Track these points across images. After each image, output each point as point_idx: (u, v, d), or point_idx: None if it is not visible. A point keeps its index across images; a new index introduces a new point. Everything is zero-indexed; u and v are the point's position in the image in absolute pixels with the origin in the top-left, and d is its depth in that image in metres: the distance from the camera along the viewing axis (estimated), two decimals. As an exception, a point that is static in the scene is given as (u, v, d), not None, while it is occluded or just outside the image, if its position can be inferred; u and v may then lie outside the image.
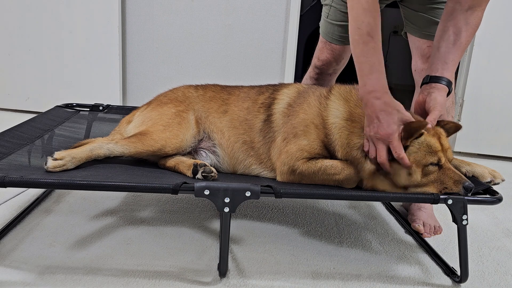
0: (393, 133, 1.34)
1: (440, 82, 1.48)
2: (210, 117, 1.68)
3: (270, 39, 3.39)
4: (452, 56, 1.50)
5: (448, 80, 1.49)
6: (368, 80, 1.38)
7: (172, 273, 1.41)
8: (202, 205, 1.92)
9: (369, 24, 1.37)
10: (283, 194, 1.32)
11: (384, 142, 1.35)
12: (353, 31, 1.41)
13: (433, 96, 1.47)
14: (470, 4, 1.48)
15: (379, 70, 1.38)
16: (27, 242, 1.53)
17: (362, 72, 1.40)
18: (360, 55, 1.40)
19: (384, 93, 1.37)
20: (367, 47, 1.38)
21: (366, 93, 1.38)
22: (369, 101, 1.37)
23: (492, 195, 1.41)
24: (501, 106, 3.07)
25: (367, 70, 1.38)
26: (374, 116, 1.36)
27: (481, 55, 2.99)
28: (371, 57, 1.38)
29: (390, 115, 1.34)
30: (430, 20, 1.72)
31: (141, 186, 1.29)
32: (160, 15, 3.38)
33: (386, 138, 1.34)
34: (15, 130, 1.74)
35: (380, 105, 1.35)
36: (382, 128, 1.34)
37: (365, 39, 1.38)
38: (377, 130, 1.35)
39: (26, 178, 1.26)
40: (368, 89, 1.38)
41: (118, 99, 3.41)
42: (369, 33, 1.37)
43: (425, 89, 1.51)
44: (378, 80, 1.38)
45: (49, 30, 3.33)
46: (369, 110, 1.37)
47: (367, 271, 1.50)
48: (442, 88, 1.48)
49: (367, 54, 1.38)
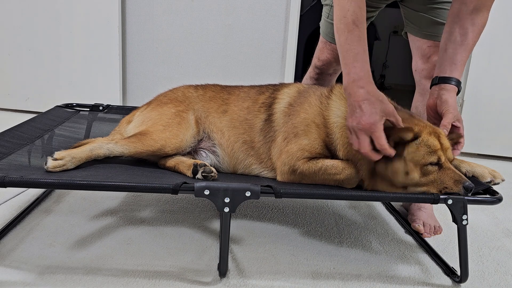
0: (376, 123, 1.31)
1: (450, 83, 1.48)
2: (210, 117, 1.68)
3: (270, 39, 3.39)
4: (459, 56, 1.50)
5: (457, 80, 1.49)
6: (352, 69, 1.36)
7: (172, 273, 1.41)
8: (202, 205, 1.92)
9: (355, 13, 1.36)
10: (283, 194, 1.32)
11: (366, 132, 1.32)
12: (338, 20, 1.39)
13: (444, 98, 1.47)
14: (475, 4, 1.48)
15: (363, 59, 1.36)
16: (27, 242, 1.53)
17: (346, 60, 1.38)
18: (344, 43, 1.38)
19: (368, 82, 1.35)
20: (352, 35, 1.36)
21: (350, 82, 1.36)
22: (353, 90, 1.35)
23: (492, 195, 1.41)
24: (501, 106, 3.07)
25: (351, 58, 1.36)
26: (356, 106, 1.33)
27: (481, 55, 2.99)
28: (356, 45, 1.36)
29: (373, 104, 1.32)
30: (430, 20, 1.72)
31: (141, 186, 1.29)
32: (160, 15, 3.38)
33: (368, 128, 1.31)
34: (15, 130, 1.74)
35: (363, 94, 1.33)
36: (365, 118, 1.31)
37: (350, 28, 1.36)
38: (359, 120, 1.32)
39: (26, 178, 1.26)
40: (352, 78, 1.35)
41: (118, 99, 3.42)
42: (354, 22, 1.36)
43: (434, 90, 1.51)
44: (362, 68, 1.36)
45: (49, 30, 3.33)
46: (352, 99, 1.35)
47: (367, 271, 1.50)
48: (452, 89, 1.48)
49: (352, 42, 1.36)
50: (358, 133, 1.34)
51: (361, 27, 1.37)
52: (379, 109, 1.32)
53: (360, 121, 1.32)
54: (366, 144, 1.32)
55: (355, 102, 1.34)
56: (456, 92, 1.50)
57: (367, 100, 1.32)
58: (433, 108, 1.51)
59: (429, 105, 1.52)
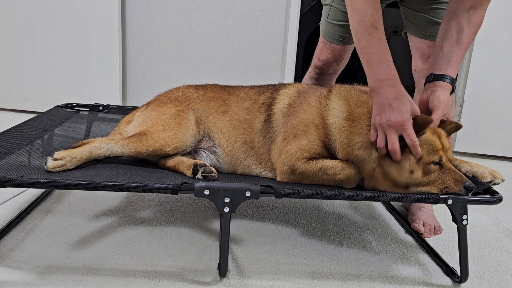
0: (407, 120, 1.32)
1: (444, 80, 1.48)
2: (210, 117, 1.68)
3: (270, 39, 3.39)
4: (455, 54, 1.50)
5: (451, 78, 1.49)
6: (379, 69, 1.36)
7: (172, 273, 1.41)
8: (202, 205, 1.92)
9: (372, 16, 1.36)
10: (283, 194, 1.32)
11: (396, 130, 1.32)
12: (356, 24, 1.39)
13: (437, 94, 1.47)
14: (472, 3, 1.48)
15: (388, 60, 1.37)
16: (27, 242, 1.53)
17: (371, 63, 1.37)
18: (366, 46, 1.38)
19: (397, 82, 1.36)
20: (373, 38, 1.36)
21: (378, 82, 1.36)
22: (382, 89, 1.35)
23: (492, 195, 1.41)
24: (501, 106, 3.07)
25: (377, 60, 1.36)
26: (386, 104, 1.34)
27: (481, 55, 2.99)
28: (379, 47, 1.36)
29: (404, 103, 1.33)
30: (430, 20, 1.72)
31: (141, 186, 1.29)
32: (160, 15, 3.38)
33: (399, 126, 1.32)
34: (15, 130, 1.74)
35: (393, 93, 1.34)
36: (396, 115, 1.32)
37: (370, 31, 1.36)
38: (390, 118, 1.32)
39: (26, 178, 1.26)
40: (381, 78, 1.35)
41: (118, 99, 3.41)
42: (373, 24, 1.36)
43: (428, 87, 1.51)
44: (389, 68, 1.36)
45: (49, 30, 3.33)
46: (381, 98, 1.35)
47: (367, 271, 1.50)
48: (446, 86, 1.48)
49: (374, 44, 1.36)
50: (387, 130, 1.34)
51: (380, 29, 1.37)
52: (409, 108, 1.34)
53: (390, 118, 1.32)
54: (395, 140, 1.33)
55: (385, 100, 1.34)
56: (450, 90, 1.49)
57: (398, 99, 1.33)
58: (425, 104, 1.50)
59: (422, 100, 1.52)
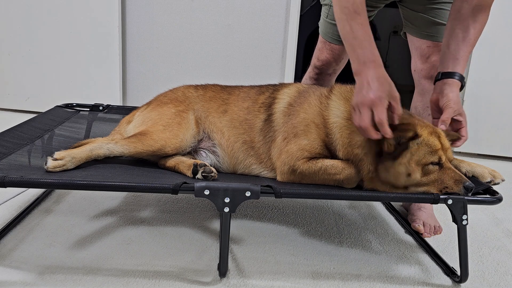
0: (381, 98, 1.29)
1: (452, 77, 1.49)
2: (210, 117, 1.68)
3: (270, 39, 3.39)
4: (462, 52, 1.50)
5: (460, 74, 1.49)
6: (361, 52, 1.35)
7: (172, 273, 1.41)
8: (202, 205, 1.92)
9: (355, 3, 1.37)
10: (283, 194, 1.32)
11: (369, 107, 1.30)
12: (339, 11, 1.39)
13: (446, 93, 1.47)
14: (477, 2, 1.49)
15: (370, 43, 1.36)
16: (27, 242, 1.53)
17: (354, 46, 1.37)
18: (349, 31, 1.37)
19: (380, 65, 1.35)
20: (355, 22, 1.36)
21: (361, 65, 1.34)
22: (363, 71, 1.33)
23: (492, 195, 1.41)
24: (501, 106, 3.07)
25: (359, 43, 1.36)
26: (365, 83, 1.32)
27: (481, 55, 2.99)
28: (362, 31, 1.36)
29: (382, 84, 1.31)
30: (429, 21, 1.72)
31: (141, 186, 1.29)
32: (160, 15, 3.38)
33: (372, 103, 1.29)
34: (15, 130, 1.74)
35: (374, 74, 1.32)
36: (371, 93, 1.30)
37: (352, 16, 1.36)
38: (365, 95, 1.31)
39: (26, 178, 1.26)
40: (363, 60, 1.34)
41: (118, 99, 3.42)
42: (356, 11, 1.36)
43: (437, 86, 1.51)
44: (372, 51, 1.35)
45: (49, 30, 3.33)
46: (361, 78, 1.33)
47: (367, 271, 1.50)
48: (454, 83, 1.48)
49: (357, 29, 1.36)
50: (361, 108, 1.32)
51: (362, 14, 1.37)
52: (387, 89, 1.32)
53: (365, 95, 1.31)
54: (366, 117, 1.31)
55: (364, 80, 1.32)
56: (460, 87, 1.50)
57: (377, 80, 1.31)
58: (436, 103, 1.51)
59: (432, 100, 1.52)
